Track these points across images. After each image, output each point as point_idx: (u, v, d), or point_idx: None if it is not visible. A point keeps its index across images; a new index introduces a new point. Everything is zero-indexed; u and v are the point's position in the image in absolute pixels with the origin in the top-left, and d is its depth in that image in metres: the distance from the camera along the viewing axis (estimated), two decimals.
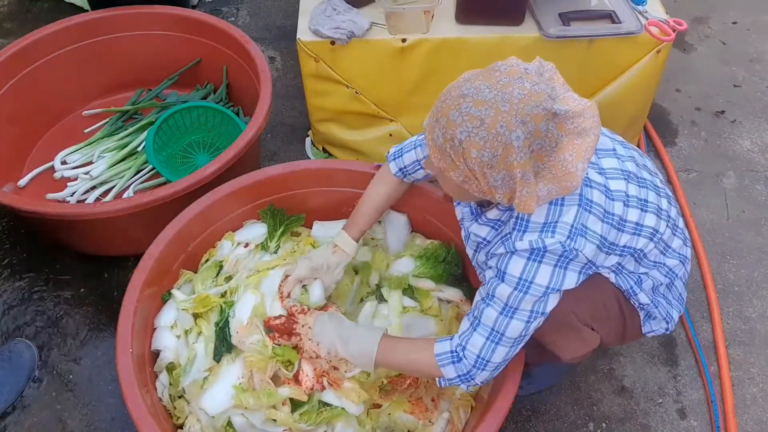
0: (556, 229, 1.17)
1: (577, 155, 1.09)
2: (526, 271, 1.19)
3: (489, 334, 1.25)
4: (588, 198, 1.20)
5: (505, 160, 1.06)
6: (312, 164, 1.95)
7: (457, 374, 1.29)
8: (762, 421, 1.73)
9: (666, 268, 1.38)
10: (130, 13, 2.30)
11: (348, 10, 1.94)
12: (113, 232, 1.92)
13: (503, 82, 1.07)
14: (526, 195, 1.09)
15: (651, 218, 1.29)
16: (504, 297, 1.22)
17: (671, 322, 1.45)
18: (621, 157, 1.32)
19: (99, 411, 1.73)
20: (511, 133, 1.05)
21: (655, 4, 2.02)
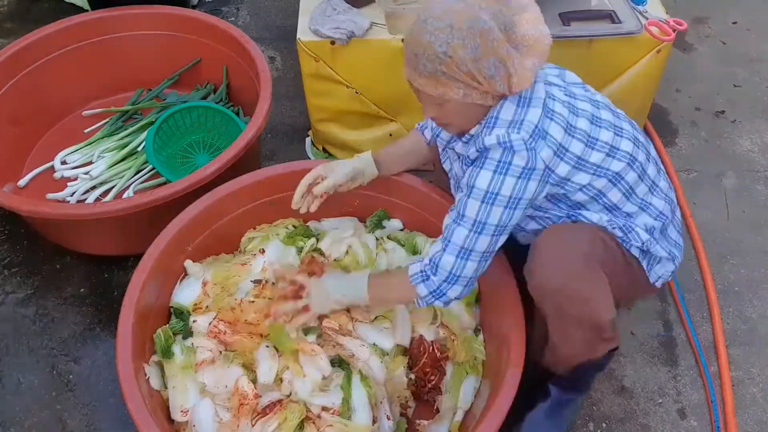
0: (521, 127, 1.26)
1: (534, 23, 1.23)
2: (492, 183, 1.27)
3: (459, 252, 1.33)
4: (550, 107, 1.30)
5: (487, 45, 1.18)
6: (312, 164, 1.94)
7: (428, 291, 1.38)
8: (762, 421, 1.73)
9: (655, 210, 1.42)
10: (130, 13, 2.30)
11: (348, 10, 1.94)
12: (113, 232, 1.92)
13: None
14: (518, 67, 1.21)
15: (627, 144, 1.36)
16: (473, 213, 1.30)
17: (676, 260, 1.49)
18: (590, 91, 1.44)
19: (99, 411, 1.73)
20: (478, 20, 1.17)
21: (655, 4, 2.03)
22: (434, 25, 1.18)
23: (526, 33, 1.22)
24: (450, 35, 1.17)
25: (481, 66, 1.19)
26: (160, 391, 1.53)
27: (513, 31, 1.21)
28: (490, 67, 1.20)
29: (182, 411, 1.48)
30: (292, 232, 1.81)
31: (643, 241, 1.41)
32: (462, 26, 1.17)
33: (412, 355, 1.61)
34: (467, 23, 1.17)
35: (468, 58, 1.18)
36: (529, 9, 1.24)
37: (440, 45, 1.18)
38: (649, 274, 1.47)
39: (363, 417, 1.45)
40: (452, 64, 1.19)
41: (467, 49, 1.17)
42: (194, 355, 1.57)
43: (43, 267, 2.03)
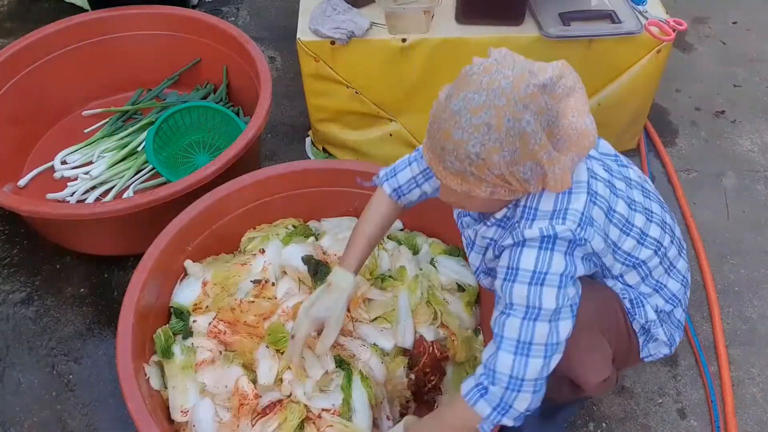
0: (567, 216, 1.12)
1: (579, 114, 1.08)
2: (539, 262, 1.12)
3: (516, 348, 1.14)
4: (594, 189, 1.17)
5: (527, 150, 1.04)
6: (312, 164, 1.95)
7: (491, 407, 1.16)
8: (762, 421, 1.73)
9: (669, 292, 1.34)
10: (130, 13, 2.30)
11: (348, 10, 1.94)
12: (113, 232, 1.92)
13: (486, 81, 1.04)
14: (559, 172, 1.07)
15: (656, 229, 1.26)
16: (523, 298, 1.13)
17: (673, 345, 1.39)
18: (624, 164, 1.32)
19: (99, 411, 1.73)
20: (520, 121, 1.02)
21: (655, 4, 2.03)
22: (469, 121, 1.03)
23: (569, 127, 1.07)
24: (486, 136, 1.02)
25: (517, 170, 1.05)
26: (160, 391, 1.54)
27: (556, 125, 1.07)
28: (526, 171, 1.06)
29: (182, 411, 1.48)
30: (292, 231, 1.81)
31: (649, 320, 1.32)
32: (501, 127, 1.02)
33: (412, 356, 1.61)
34: (507, 124, 1.02)
35: (503, 162, 1.04)
36: (575, 93, 1.09)
37: (473, 145, 1.03)
38: (641, 349, 1.38)
39: (363, 418, 1.45)
40: (484, 167, 1.05)
41: (504, 153, 1.03)
42: (194, 355, 1.57)
43: (43, 267, 2.03)
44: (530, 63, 1.10)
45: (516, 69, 1.06)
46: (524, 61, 1.10)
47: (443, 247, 1.81)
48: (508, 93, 1.03)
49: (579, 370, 1.26)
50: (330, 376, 1.51)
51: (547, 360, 1.15)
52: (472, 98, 1.04)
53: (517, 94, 1.02)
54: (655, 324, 1.34)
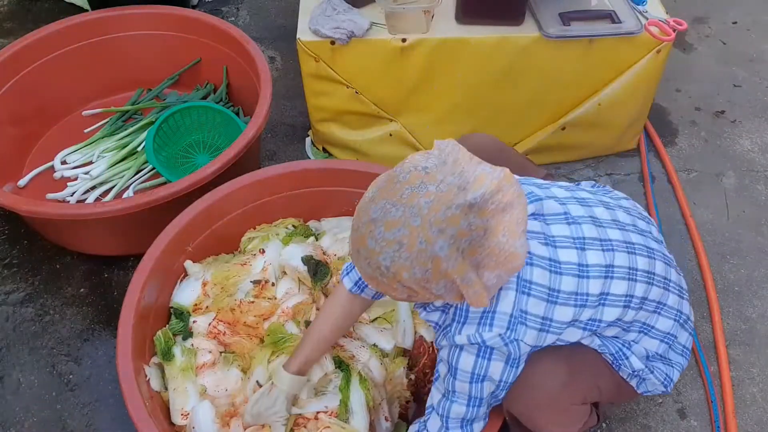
0: (494, 322, 1.13)
1: (510, 234, 1.02)
2: (477, 366, 1.17)
3: (462, 424, 1.26)
4: (526, 279, 1.14)
5: (438, 271, 1.01)
6: (312, 164, 1.95)
7: None
8: (762, 421, 1.73)
9: (659, 333, 1.30)
10: (129, 13, 2.30)
11: (348, 9, 1.94)
12: (113, 232, 1.92)
13: (407, 195, 1.01)
14: (473, 295, 1.03)
15: (619, 285, 1.20)
16: (465, 391, 1.21)
17: (669, 385, 1.38)
18: (575, 221, 1.22)
19: (99, 411, 1.73)
20: (433, 245, 0.99)
21: (655, 4, 2.03)
22: (382, 234, 1.00)
23: (497, 246, 1.01)
24: (397, 253, 1.00)
25: (429, 286, 1.03)
26: (161, 393, 1.54)
27: (480, 244, 1.01)
28: (439, 288, 1.03)
29: (182, 414, 1.48)
30: (292, 231, 1.81)
31: (635, 369, 1.30)
32: (413, 248, 0.99)
33: (412, 356, 1.61)
34: (420, 246, 0.99)
35: (413, 279, 1.02)
36: (513, 209, 1.02)
37: (384, 258, 1.01)
38: (637, 387, 1.38)
39: (360, 419, 1.45)
40: (394, 280, 1.04)
41: (414, 271, 1.01)
42: (194, 357, 1.57)
43: (43, 267, 2.03)
44: (472, 166, 1.04)
45: (443, 184, 1.00)
46: (463, 167, 1.03)
47: None
48: (424, 214, 0.99)
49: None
50: (329, 377, 1.51)
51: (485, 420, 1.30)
52: (389, 211, 1.01)
53: (434, 217, 0.98)
54: (644, 372, 1.32)
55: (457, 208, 0.99)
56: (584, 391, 1.29)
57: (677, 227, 2.16)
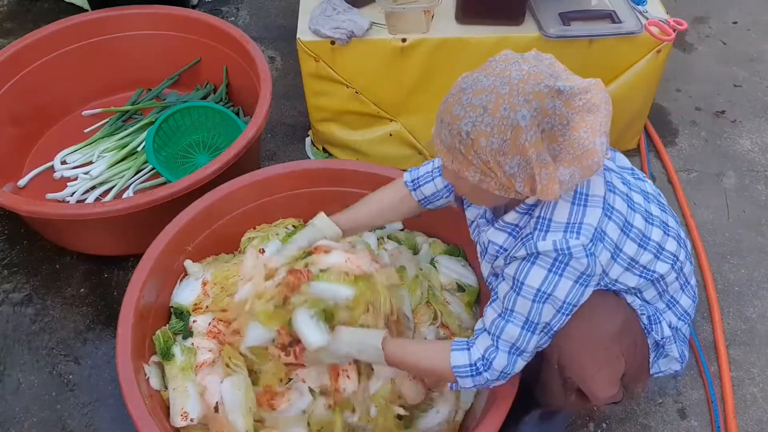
0: (581, 231, 1.13)
1: (592, 131, 1.05)
2: (546, 282, 1.15)
3: (511, 349, 1.22)
4: (610, 204, 1.17)
5: (516, 143, 1.03)
6: (312, 164, 1.95)
7: (474, 384, 1.27)
8: (762, 421, 1.73)
9: (681, 308, 1.35)
10: (129, 13, 2.30)
11: (348, 9, 1.94)
12: (113, 232, 1.92)
13: (500, 69, 1.06)
14: (545, 177, 1.04)
15: (672, 243, 1.27)
16: (524, 311, 1.18)
17: (684, 361, 1.40)
18: (640, 177, 1.33)
19: (99, 411, 1.73)
20: (516, 113, 1.02)
21: (655, 4, 2.03)
22: (470, 100, 1.04)
23: (576, 140, 1.04)
24: (480, 118, 1.03)
25: (503, 161, 1.04)
26: (160, 392, 1.54)
27: (561, 133, 1.04)
28: (513, 165, 1.05)
29: (182, 414, 1.48)
30: (292, 231, 1.81)
31: (664, 336, 1.33)
32: (496, 113, 1.02)
33: None
34: (503, 112, 1.02)
35: (490, 149, 1.04)
36: (599, 112, 1.06)
37: (466, 123, 1.04)
38: (651, 365, 1.40)
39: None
40: (471, 148, 1.05)
41: (492, 138, 1.03)
42: (194, 356, 1.57)
43: (43, 267, 2.03)
44: (561, 71, 1.09)
45: (537, 67, 1.06)
46: (554, 66, 1.09)
47: (443, 247, 1.81)
48: (514, 84, 1.03)
49: (591, 384, 1.28)
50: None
51: (531, 358, 1.26)
52: (480, 80, 1.06)
53: (522, 87, 1.02)
54: (669, 340, 1.34)
55: (546, 87, 1.03)
56: (629, 345, 1.30)
57: None
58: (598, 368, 1.26)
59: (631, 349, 1.31)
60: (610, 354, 1.27)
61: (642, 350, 1.35)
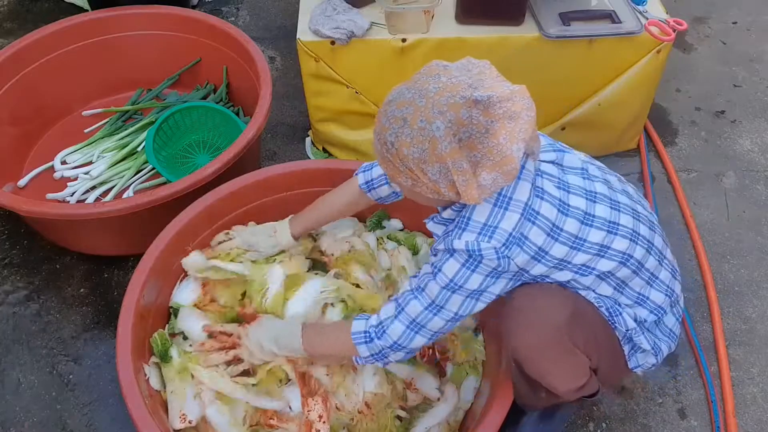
0: (493, 234, 1.18)
1: (510, 138, 1.10)
2: (458, 275, 1.21)
3: (410, 324, 1.29)
4: (535, 209, 1.21)
5: (434, 152, 1.09)
6: (312, 164, 1.95)
7: (370, 353, 1.34)
8: (762, 421, 1.73)
9: (652, 304, 1.35)
10: (130, 13, 2.30)
11: (348, 10, 1.94)
12: (113, 232, 1.92)
13: (421, 81, 1.13)
14: (463, 184, 1.11)
15: (621, 242, 1.27)
16: (433, 294, 1.25)
17: (659, 355, 1.41)
18: (591, 178, 1.31)
19: (99, 411, 1.73)
20: (431, 124, 1.08)
21: (655, 4, 2.03)
22: (393, 112, 1.13)
23: (496, 146, 1.09)
24: (401, 129, 1.11)
25: (426, 168, 1.12)
26: (161, 392, 1.53)
27: (480, 141, 1.09)
28: (434, 172, 1.12)
29: (181, 416, 1.48)
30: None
31: (628, 328, 1.33)
32: (414, 125, 1.10)
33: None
34: (420, 124, 1.09)
35: (412, 158, 1.11)
36: (519, 119, 1.11)
37: (390, 134, 1.12)
38: (629, 359, 1.40)
39: None
40: (397, 157, 1.13)
41: (413, 148, 1.10)
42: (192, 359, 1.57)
43: (43, 267, 2.03)
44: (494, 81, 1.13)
45: (457, 78, 1.12)
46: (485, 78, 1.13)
47: None
48: (430, 96, 1.10)
49: (549, 379, 1.31)
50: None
51: (429, 340, 1.31)
52: (403, 93, 1.14)
53: (437, 100, 1.09)
54: (636, 332, 1.34)
55: (461, 99, 1.09)
56: (585, 337, 1.30)
57: (677, 227, 2.16)
58: (553, 361, 1.29)
59: (591, 340, 1.32)
60: (562, 346, 1.28)
61: (608, 343, 1.35)
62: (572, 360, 1.30)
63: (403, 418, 1.54)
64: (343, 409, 1.49)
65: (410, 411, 1.56)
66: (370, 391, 1.51)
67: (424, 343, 1.32)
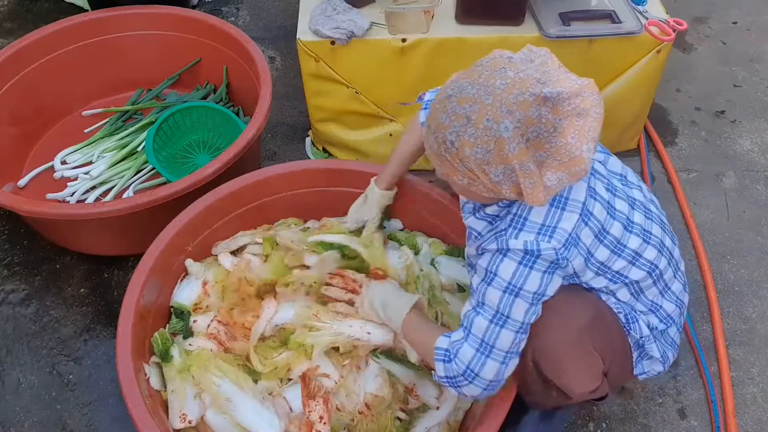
0: (554, 234, 1.14)
1: (580, 137, 1.04)
2: (516, 275, 1.16)
3: (479, 346, 1.21)
4: (589, 210, 1.18)
5: (500, 154, 1.04)
6: (312, 164, 1.95)
7: (445, 374, 1.26)
8: (762, 421, 1.73)
9: (664, 312, 1.35)
10: (130, 13, 2.30)
11: (348, 10, 1.94)
12: (113, 232, 1.92)
13: (485, 76, 1.06)
14: (530, 186, 1.05)
15: (651, 252, 1.27)
16: (494, 303, 1.18)
17: (666, 363, 1.41)
18: (629, 184, 1.32)
19: (99, 411, 1.73)
20: (499, 125, 1.02)
21: (655, 4, 2.03)
22: (454, 108, 1.05)
23: (563, 147, 1.04)
24: (463, 128, 1.04)
25: (488, 170, 1.06)
26: (161, 392, 1.53)
27: (548, 140, 1.04)
28: (498, 174, 1.06)
29: (181, 416, 1.48)
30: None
31: (643, 335, 1.33)
32: (480, 124, 1.03)
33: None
34: (486, 123, 1.02)
35: (474, 158, 1.05)
36: (588, 116, 1.05)
37: (451, 132, 1.06)
38: (635, 365, 1.39)
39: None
40: (456, 157, 1.07)
41: (476, 149, 1.04)
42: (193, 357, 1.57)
43: (43, 267, 2.03)
44: (559, 72, 1.08)
45: (524, 73, 1.05)
46: (550, 69, 1.08)
47: (443, 247, 1.81)
48: (498, 94, 1.03)
49: (565, 380, 1.28)
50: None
51: (504, 365, 1.21)
52: (465, 88, 1.06)
53: (506, 98, 1.03)
54: (648, 339, 1.34)
55: (531, 96, 1.02)
56: (602, 341, 1.29)
57: (677, 227, 2.16)
58: (572, 362, 1.26)
59: (607, 345, 1.31)
60: (582, 348, 1.26)
61: (621, 348, 1.35)
62: (590, 362, 1.28)
63: (402, 419, 1.54)
64: (343, 410, 1.49)
65: (410, 412, 1.56)
66: (371, 392, 1.51)
67: (497, 370, 1.21)
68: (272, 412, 1.46)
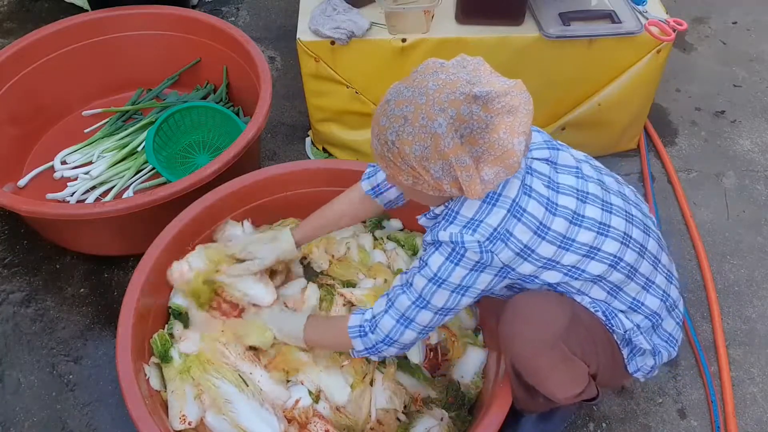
0: (477, 228, 1.19)
1: (510, 132, 1.11)
2: (442, 269, 1.23)
3: (399, 318, 1.31)
4: (522, 206, 1.21)
5: (437, 149, 1.10)
6: (312, 164, 1.95)
7: (364, 347, 1.37)
8: (762, 421, 1.73)
9: (647, 309, 1.34)
10: (130, 13, 2.30)
11: (348, 10, 1.94)
12: (113, 232, 1.92)
13: (419, 80, 1.14)
14: (467, 179, 1.11)
15: (612, 244, 1.27)
16: (419, 288, 1.27)
17: (658, 356, 1.40)
18: (585, 177, 1.31)
19: (99, 411, 1.73)
20: (433, 122, 1.09)
21: (655, 4, 2.03)
22: (392, 110, 1.13)
23: (497, 141, 1.10)
24: (402, 127, 1.11)
25: (428, 166, 1.12)
26: (161, 392, 1.53)
27: (481, 137, 1.10)
28: (437, 169, 1.12)
29: (181, 417, 1.47)
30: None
31: (626, 329, 1.33)
32: (416, 123, 1.10)
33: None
34: (421, 121, 1.09)
35: (414, 156, 1.11)
36: (518, 113, 1.12)
37: (391, 133, 1.13)
38: (628, 363, 1.39)
39: None
40: (398, 155, 1.13)
41: (414, 146, 1.10)
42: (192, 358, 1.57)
43: (43, 267, 2.03)
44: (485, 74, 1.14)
45: (455, 75, 1.12)
46: (477, 71, 1.14)
47: None
48: (430, 94, 1.11)
49: (547, 387, 1.32)
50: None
51: (421, 335, 1.34)
52: (401, 91, 1.14)
53: (438, 97, 1.10)
54: (634, 332, 1.34)
55: (461, 95, 1.10)
56: (584, 343, 1.31)
57: (677, 227, 2.16)
58: (551, 370, 1.29)
59: (590, 346, 1.32)
60: (560, 354, 1.28)
61: (607, 347, 1.35)
62: (570, 367, 1.30)
63: (402, 420, 1.54)
64: (349, 415, 1.50)
65: (410, 413, 1.56)
66: (381, 407, 1.52)
67: (414, 337, 1.33)
68: (272, 414, 1.46)
